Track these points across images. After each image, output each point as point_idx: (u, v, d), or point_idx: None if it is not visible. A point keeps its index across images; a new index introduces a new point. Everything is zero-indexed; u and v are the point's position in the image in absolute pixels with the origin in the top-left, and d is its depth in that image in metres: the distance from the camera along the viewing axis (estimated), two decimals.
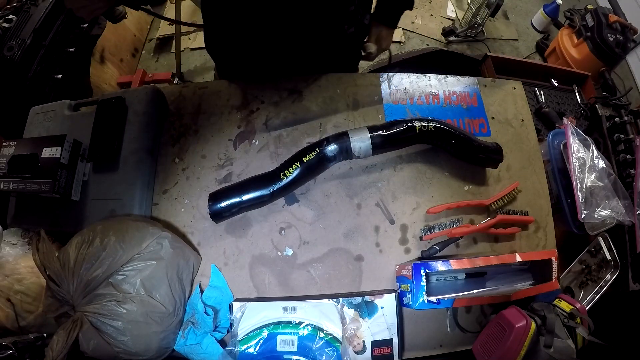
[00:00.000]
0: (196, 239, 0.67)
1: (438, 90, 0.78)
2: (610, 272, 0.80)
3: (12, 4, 1.21)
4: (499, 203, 0.69)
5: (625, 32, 1.85)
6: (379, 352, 0.58)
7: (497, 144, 0.69)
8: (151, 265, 0.54)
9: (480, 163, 0.70)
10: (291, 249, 0.66)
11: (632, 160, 0.96)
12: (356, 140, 0.62)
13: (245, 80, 0.77)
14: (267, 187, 0.61)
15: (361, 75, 0.79)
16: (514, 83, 0.82)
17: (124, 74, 1.88)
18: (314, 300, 0.59)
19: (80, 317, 0.50)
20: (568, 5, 2.20)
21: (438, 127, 0.65)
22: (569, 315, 0.59)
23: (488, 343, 0.57)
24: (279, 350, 0.57)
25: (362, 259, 0.66)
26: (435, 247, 0.64)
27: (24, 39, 1.12)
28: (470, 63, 1.62)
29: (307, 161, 0.62)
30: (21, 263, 0.63)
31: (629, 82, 1.89)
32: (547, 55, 2.15)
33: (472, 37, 2.21)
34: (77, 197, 0.68)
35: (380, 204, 0.69)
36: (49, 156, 0.64)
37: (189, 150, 0.73)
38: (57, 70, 1.22)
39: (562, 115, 1.26)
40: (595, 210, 0.74)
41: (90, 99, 0.77)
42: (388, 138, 0.64)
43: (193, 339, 0.57)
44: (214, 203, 0.61)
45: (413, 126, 0.65)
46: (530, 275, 0.64)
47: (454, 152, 0.68)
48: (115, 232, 0.55)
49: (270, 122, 0.74)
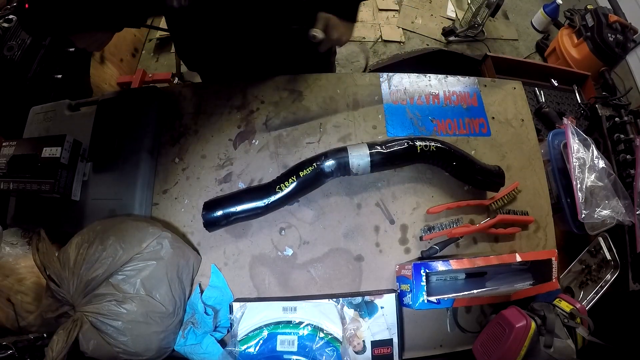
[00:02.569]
0: (196, 239, 0.67)
1: (438, 90, 0.78)
2: (610, 272, 0.80)
3: (12, 4, 1.21)
4: (499, 203, 0.69)
5: (625, 32, 1.85)
6: (379, 352, 0.58)
7: (499, 167, 0.68)
8: (151, 265, 0.54)
9: (481, 186, 0.68)
10: (291, 249, 0.66)
11: (632, 160, 0.96)
12: (355, 157, 0.61)
13: (245, 80, 0.78)
14: (262, 199, 0.61)
15: (361, 75, 0.79)
16: (514, 83, 0.82)
17: (124, 74, 1.88)
18: (314, 300, 0.59)
19: (80, 317, 0.50)
20: (568, 5, 2.20)
21: (440, 147, 0.64)
22: (569, 315, 0.59)
23: (488, 343, 0.57)
24: (279, 350, 0.57)
25: (362, 259, 0.66)
26: (435, 247, 0.64)
27: (24, 39, 1.12)
28: (470, 63, 1.62)
29: (303, 176, 0.61)
30: (21, 263, 0.63)
31: (629, 82, 1.88)
32: (547, 55, 2.15)
33: (472, 37, 2.21)
34: (77, 197, 0.68)
35: (380, 204, 0.69)
36: (49, 156, 0.64)
37: (189, 150, 0.73)
38: (57, 70, 1.22)
39: (562, 115, 1.25)
40: (595, 210, 0.74)
41: (90, 99, 0.77)
42: (387, 156, 0.62)
43: (193, 339, 0.57)
44: (208, 212, 0.61)
45: (414, 145, 0.63)
46: (530, 275, 0.64)
47: (454, 174, 0.67)
48: (115, 232, 0.55)
49: (270, 122, 0.74)
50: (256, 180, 0.70)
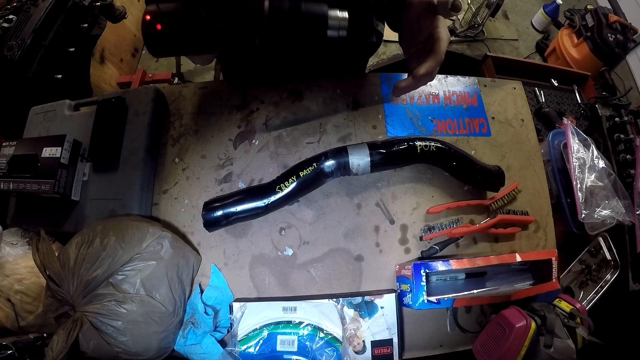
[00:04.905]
0: (196, 239, 0.67)
1: (438, 90, 0.78)
2: (610, 272, 0.80)
3: (12, 4, 1.21)
4: (499, 203, 0.69)
5: (625, 32, 1.86)
6: (379, 352, 0.58)
7: (499, 167, 0.68)
8: (151, 265, 0.54)
9: (481, 186, 0.68)
10: (291, 249, 0.66)
11: (632, 160, 0.96)
12: (355, 157, 0.61)
13: (246, 80, 0.78)
14: (262, 199, 0.61)
15: (361, 75, 0.79)
16: (514, 83, 0.82)
17: (124, 74, 1.88)
18: (314, 300, 0.59)
19: (80, 317, 0.50)
20: (568, 5, 2.21)
21: (440, 147, 0.64)
22: (569, 315, 0.59)
23: (488, 343, 0.57)
24: (279, 350, 0.57)
25: (362, 259, 0.66)
26: (435, 247, 0.64)
27: (24, 39, 1.12)
28: (470, 63, 1.62)
29: (303, 176, 0.61)
30: (21, 263, 0.63)
31: (629, 82, 1.89)
32: (547, 55, 2.15)
33: (472, 37, 2.21)
34: (77, 197, 0.68)
35: (380, 204, 0.69)
36: (49, 156, 0.64)
37: (189, 150, 0.73)
38: (57, 70, 1.22)
39: (562, 115, 1.26)
40: (595, 210, 0.74)
41: (90, 99, 0.77)
42: (387, 156, 0.62)
43: (193, 339, 0.57)
44: (208, 212, 0.60)
45: (414, 145, 0.63)
46: (530, 275, 0.64)
47: (454, 174, 0.67)
48: (115, 232, 0.55)
49: (270, 122, 0.74)
50: (256, 180, 0.70)
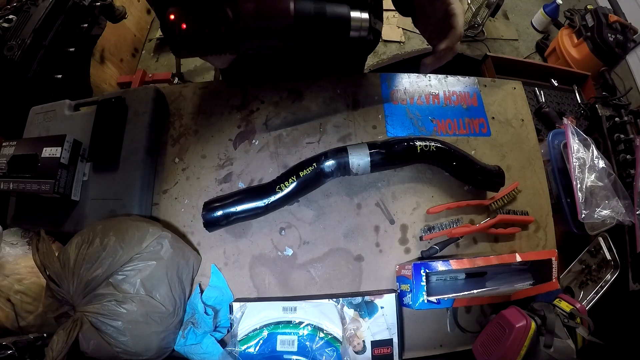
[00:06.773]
0: (196, 239, 0.67)
1: (438, 90, 0.78)
2: (610, 272, 0.80)
3: (12, 4, 1.21)
4: (499, 203, 0.69)
5: (625, 32, 1.86)
6: (379, 352, 0.58)
7: (499, 167, 0.68)
8: (151, 265, 0.54)
9: (481, 186, 0.68)
10: (291, 249, 0.66)
11: (632, 160, 0.96)
12: (355, 157, 0.61)
13: (246, 80, 0.78)
14: (262, 199, 0.61)
15: (361, 75, 0.79)
16: (514, 83, 0.82)
17: (124, 74, 1.88)
18: (314, 300, 0.59)
19: (80, 317, 0.50)
20: (568, 5, 2.21)
21: (440, 147, 0.64)
22: (569, 315, 0.59)
23: (488, 343, 0.57)
24: (279, 350, 0.57)
25: (362, 259, 0.66)
26: (435, 247, 0.64)
27: (24, 39, 1.12)
28: (470, 63, 1.62)
29: (303, 176, 0.61)
30: (21, 263, 0.63)
31: (629, 82, 1.89)
32: (547, 55, 2.15)
33: (472, 37, 2.21)
34: (77, 197, 0.68)
35: (380, 204, 0.69)
36: (49, 156, 0.64)
37: (189, 150, 0.73)
38: (57, 70, 1.22)
39: (562, 115, 1.26)
40: (595, 210, 0.74)
41: (90, 99, 0.77)
42: (387, 156, 0.63)
43: (193, 339, 0.57)
44: (208, 212, 0.60)
45: (414, 145, 0.63)
46: (530, 275, 0.64)
47: (454, 174, 0.67)
48: (115, 232, 0.55)
49: (270, 122, 0.74)
50: (256, 180, 0.70)
